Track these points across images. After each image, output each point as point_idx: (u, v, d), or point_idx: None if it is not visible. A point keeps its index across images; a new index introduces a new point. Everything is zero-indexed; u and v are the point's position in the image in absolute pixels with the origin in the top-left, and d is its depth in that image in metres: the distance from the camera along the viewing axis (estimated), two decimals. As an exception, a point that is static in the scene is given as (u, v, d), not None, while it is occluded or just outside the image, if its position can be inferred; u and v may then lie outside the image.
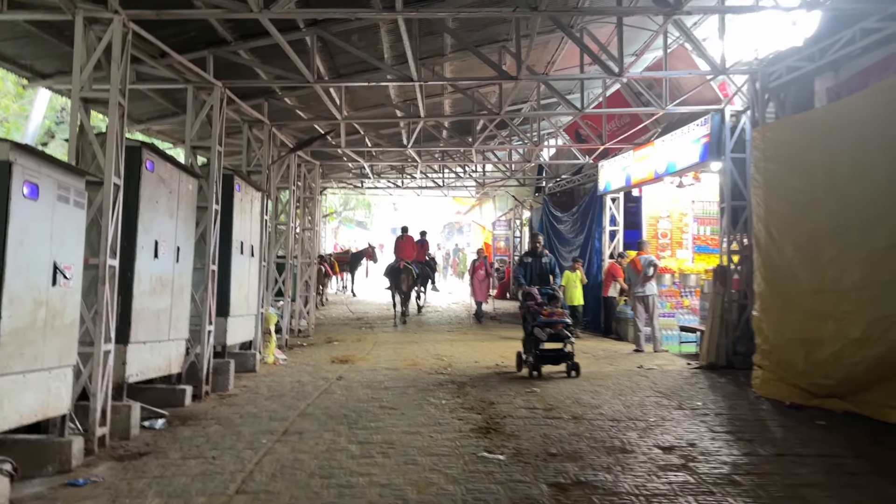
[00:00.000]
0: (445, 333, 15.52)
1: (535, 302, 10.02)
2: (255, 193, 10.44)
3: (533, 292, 10.15)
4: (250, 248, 10.16)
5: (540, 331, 9.56)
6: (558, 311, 9.87)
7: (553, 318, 9.68)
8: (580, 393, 8.60)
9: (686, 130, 11.48)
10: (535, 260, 10.71)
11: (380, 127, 14.78)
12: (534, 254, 10.81)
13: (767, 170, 8.58)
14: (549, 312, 9.75)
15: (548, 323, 9.62)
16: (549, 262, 10.74)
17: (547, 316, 9.70)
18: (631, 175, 13.95)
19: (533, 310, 9.90)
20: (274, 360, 11.31)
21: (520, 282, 10.61)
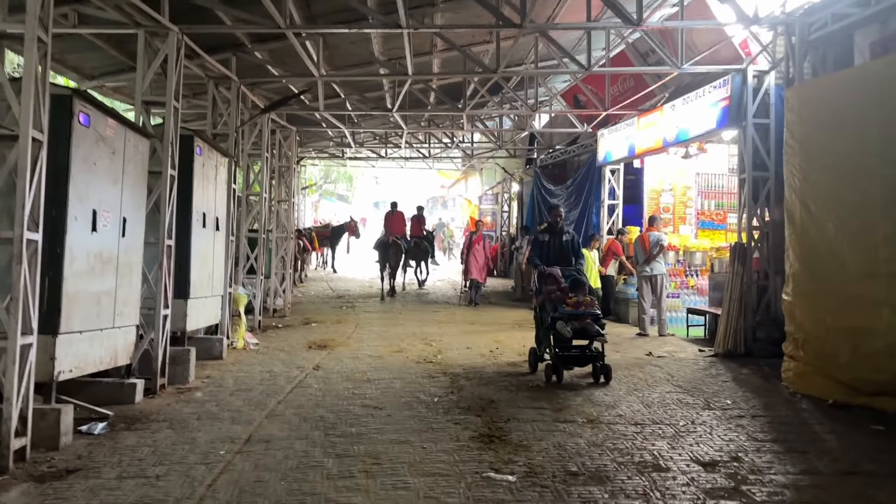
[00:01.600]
0: (432, 314, 14.45)
1: (556, 287, 8.14)
2: (220, 159, 9.24)
3: (555, 274, 8.28)
4: (215, 220, 8.99)
5: (563, 325, 7.68)
6: (586, 301, 7.93)
7: (580, 308, 7.83)
8: (591, 388, 7.59)
9: (701, 93, 10.39)
10: (553, 237, 8.94)
11: (363, 89, 13.56)
12: (552, 230, 9.09)
13: (805, 134, 7.53)
14: (576, 302, 7.87)
15: (573, 315, 7.76)
16: (572, 241, 8.97)
17: (573, 306, 7.84)
18: (635, 144, 12.87)
19: (554, 297, 8.02)
20: (244, 346, 10.19)
21: (535, 263, 8.79)
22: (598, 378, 7.77)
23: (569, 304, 7.89)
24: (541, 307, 8.38)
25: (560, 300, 7.99)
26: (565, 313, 7.81)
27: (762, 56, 9.53)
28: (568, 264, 8.71)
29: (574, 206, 16.99)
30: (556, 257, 8.76)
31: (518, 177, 22.23)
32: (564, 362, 7.83)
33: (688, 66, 9.80)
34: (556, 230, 9.04)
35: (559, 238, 8.92)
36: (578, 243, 9.12)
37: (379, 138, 20.53)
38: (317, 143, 20.79)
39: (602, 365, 7.82)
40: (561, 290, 8.09)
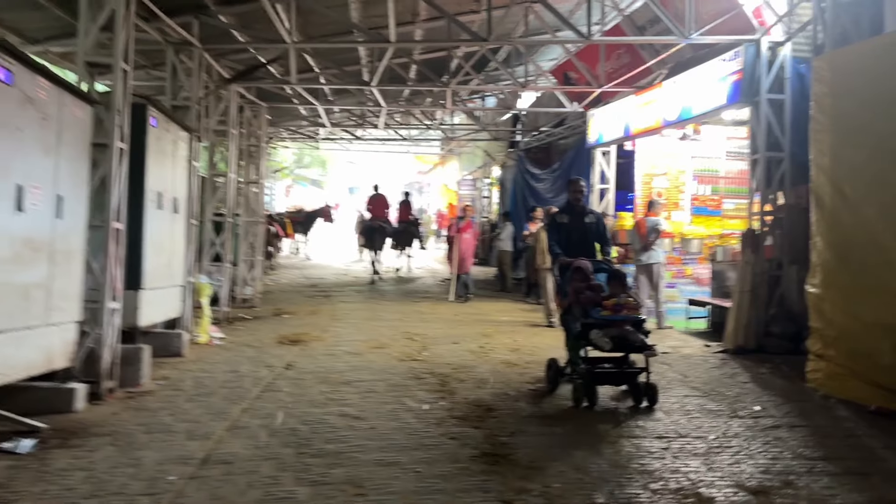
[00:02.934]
0: (413, 305, 13.56)
1: (586, 285, 6.36)
2: (180, 133, 8.24)
3: (584, 267, 6.47)
4: (173, 201, 7.99)
5: (600, 334, 5.97)
6: (628, 302, 6.21)
7: (621, 312, 6.12)
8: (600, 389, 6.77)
9: (708, 67, 9.57)
10: (573, 219, 7.16)
11: (339, 62, 12.55)
12: (572, 210, 7.26)
13: (837, 108, 6.74)
14: (615, 304, 6.13)
15: (610, 321, 6.07)
16: (597, 223, 7.26)
17: (611, 310, 6.12)
18: (631, 124, 12.05)
19: (584, 299, 6.27)
20: (208, 340, 9.23)
21: (555, 252, 7.05)
22: (639, 400, 6.09)
23: (606, 306, 6.15)
24: (566, 310, 6.70)
25: (593, 302, 6.23)
26: (599, 318, 6.12)
27: (777, 27, 8.73)
28: (592, 253, 7.03)
29: (561, 191, 16.16)
30: (578, 244, 7.00)
31: (501, 160, 21.35)
32: (597, 380, 6.20)
33: (696, 36, 8.98)
34: (576, 210, 7.25)
35: (581, 220, 7.17)
36: (605, 226, 7.46)
37: (355, 119, 19.50)
38: (289, 123, 19.69)
39: (646, 384, 6.08)
40: (592, 289, 6.33)
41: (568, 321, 6.62)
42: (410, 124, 20.37)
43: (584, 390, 6.06)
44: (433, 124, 19.22)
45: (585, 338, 6.12)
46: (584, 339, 6.15)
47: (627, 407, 6.03)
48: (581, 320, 6.21)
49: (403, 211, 19.60)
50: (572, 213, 7.27)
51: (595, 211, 7.73)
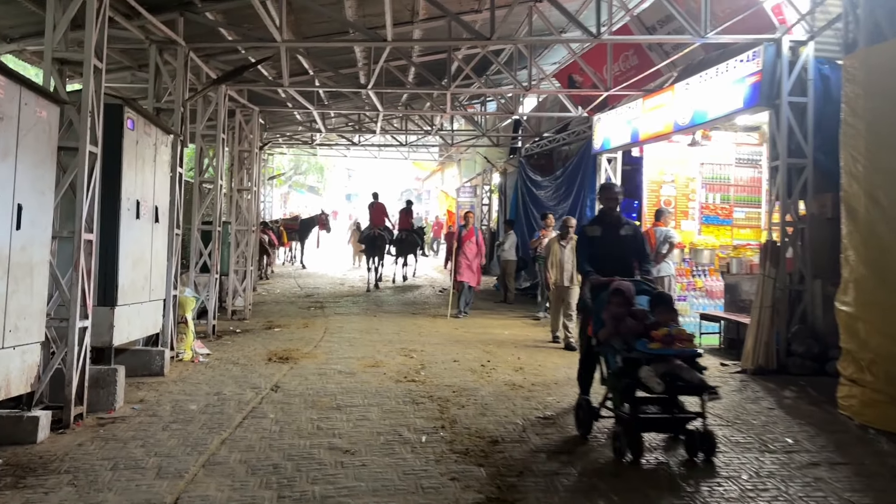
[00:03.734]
0: (410, 317, 12.99)
1: (627, 310, 5.32)
2: (162, 137, 7.69)
3: (624, 289, 5.39)
4: (153, 209, 7.44)
5: (650, 373, 4.82)
6: (681, 333, 5.03)
7: (673, 345, 4.92)
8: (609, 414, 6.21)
9: (723, 69, 9.05)
10: (607, 231, 6.12)
11: (335, 64, 12.01)
12: (605, 220, 6.23)
13: (872, 110, 6.21)
14: (666, 335, 4.94)
15: (659, 356, 4.91)
16: (635, 236, 6.24)
17: (661, 341, 4.93)
18: (639, 129, 11.52)
19: (628, 328, 5.17)
20: (192, 357, 8.67)
21: (585, 270, 5.98)
22: (693, 451, 4.99)
23: (655, 338, 4.96)
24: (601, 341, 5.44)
25: (637, 332, 5.11)
26: (650, 353, 4.94)
27: (798, 26, 8.21)
28: (629, 270, 5.97)
29: (564, 199, 15.66)
30: (613, 261, 5.93)
31: (501, 167, 20.81)
32: (644, 427, 5.06)
33: (712, 36, 8.45)
34: (610, 221, 6.19)
35: (615, 232, 6.10)
36: (643, 239, 6.46)
37: (352, 124, 18.97)
38: (284, 128, 19.16)
39: (702, 433, 4.95)
40: (635, 315, 5.26)
41: (604, 354, 5.43)
42: (408, 129, 19.83)
43: (627, 439, 4.94)
44: (432, 130, 18.65)
45: (630, 376, 4.96)
46: (627, 377, 4.99)
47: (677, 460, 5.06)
48: (623, 354, 5.04)
49: (404, 219, 19.42)
50: (606, 225, 6.19)
51: (631, 221, 6.63)
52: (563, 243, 10.27)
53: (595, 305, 5.65)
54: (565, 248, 10.17)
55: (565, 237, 10.34)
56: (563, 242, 10.29)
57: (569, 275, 10.07)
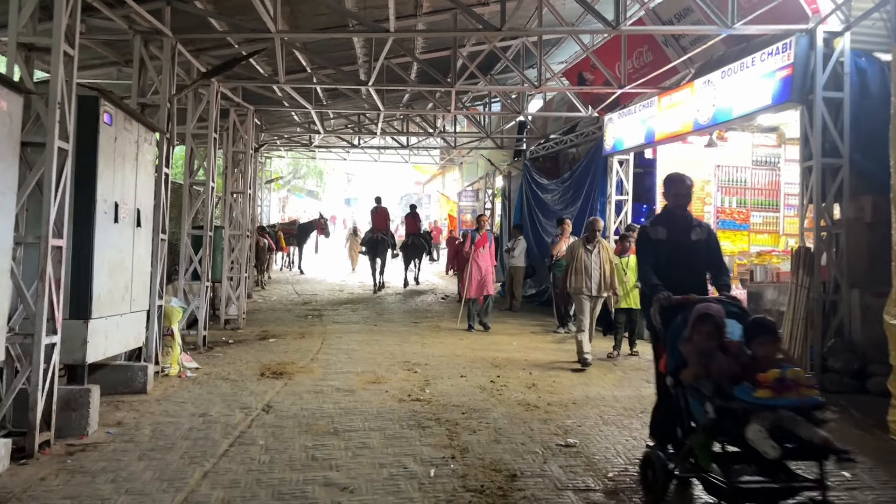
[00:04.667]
0: (412, 326, 12.36)
1: (718, 343, 4.15)
2: (145, 134, 7.08)
3: (713, 313, 4.19)
4: (135, 213, 6.82)
5: (761, 433, 3.54)
6: (799, 377, 3.76)
7: (787, 393, 3.68)
8: (633, 440, 5.60)
9: (749, 63, 8.45)
10: (675, 234, 4.92)
11: (334, 61, 11.40)
12: (672, 221, 5.01)
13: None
14: (777, 379, 3.69)
15: (773, 406, 3.66)
16: (708, 240, 5.01)
17: (771, 388, 3.68)
18: (655, 129, 10.91)
19: (722, 367, 3.99)
20: (179, 372, 8.06)
21: (652, 283, 4.72)
22: None
23: (763, 382, 3.68)
24: (679, 381, 4.20)
25: (735, 373, 3.90)
26: (756, 403, 3.65)
27: (833, 16, 7.61)
28: (701, 285, 4.85)
29: (572, 203, 15.03)
30: (682, 271, 4.76)
31: (505, 170, 20.20)
32: (742, 499, 3.89)
33: (740, 26, 7.85)
34: (679, 221, 4.99)
35: (685, 236, 4.91)
36: (719, 245, 5.17)
37: (352, 125, 18.38)
38: (281, 129, 18.55)
39: None
40: (728, 350, 4.06)
41: (686, 399, 4.16)
42: (409, 131, 19.23)
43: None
44: (434, 132, 18.04)
45: (727, 432, 3.75)
46: (723, 433, 3.79)
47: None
48: (717, 402, 3.75)
49: (410, 223, 19.24)
50: (673, 227, 4.96)
51: (703, 223, 5.31)
52: (588, 247, 9.21)
53: (670, 333, 4.41)
54: (591, 252, 9.16)
55: (592, 240, 9.27)
56: (588, 246, 9.22)
57: (596, 283, 9.06)
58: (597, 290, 9.08)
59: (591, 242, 9.25)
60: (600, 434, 5.81)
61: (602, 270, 9.06)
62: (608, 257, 9.22)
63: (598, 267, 9.07)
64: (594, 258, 9.13)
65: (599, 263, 9.08)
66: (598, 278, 9.06)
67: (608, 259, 9.19)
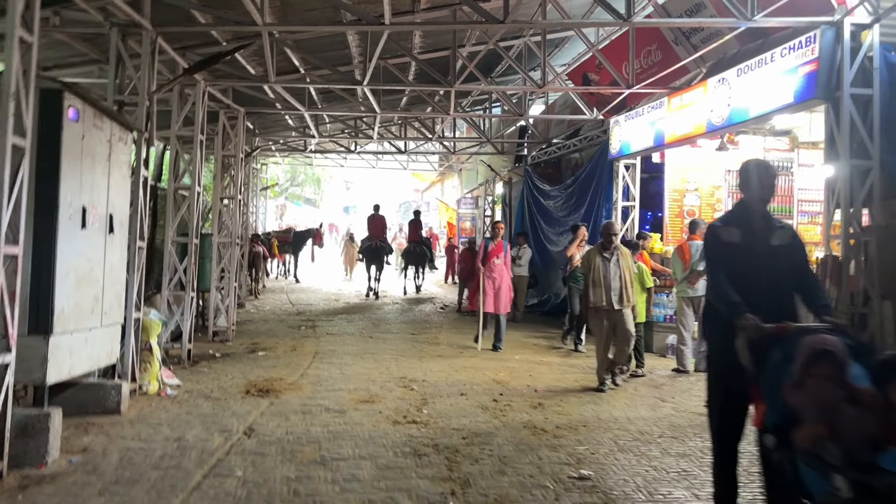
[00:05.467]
0: (409, 339, 11.78)
1: (845, 391, 3.11)
2: (119, 132, 6.52)
3: (833, 350, 3.17)
4: (107, 218, 6.26)
5: None
6: None
7: None
8: (653, 471, 5.04)
9: (768, 59, 7.92)
10: (751, 237, 3.92)
11: (328, 59, 10.84)
12: (748, 221, 3.99)
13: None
14: None
15: None
16: (791, 246, 3.94)
17: None
18: (664, 131, 10.38)
19: (852, 426, 2.95)
20: (159, 389, 7.49)
21: (730, 300, 3.71)
22: None
23: None
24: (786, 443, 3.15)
25: (877, 434, 2.93)
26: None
27: (860, 7, 7.09)
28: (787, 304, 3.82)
29: (575, 209, 14.52)
30: (761, 285, 3.76)
31: (507, 176, 19.67)
32: None
33: (760, 18, 7.31)
34: (756, 221, 3.97)
35: (764, 239, 3.91)
36: (805, 252, 4.12)
37: (348, 130, 17.85)
38: (275, 134, 18.01)
39: None
40: (858, 401, 3.04)
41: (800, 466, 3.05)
42: (407, 136, 18.71)
43: None
44: (432, 137, 17.50)
45: None
46: None
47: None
48: (852, 474, 2.80)
49: (413, 230, 19.21)
50: (749, 227, 3.94)
51: (786, 224, 4.29)
52: (605, 255, 8.18)
53: (766, 374, 3.40)
54: (609, 260, 8.12)
55: (608, 248, 8.22)
56: (605, 254, 8.19)
57: (617, 294, 7.99)
58: (618, 303, 8.00)
59: (608, 249, 8.22)
60: (616, 464, 5.24)
61: (623, 281, 8.07)
62: (628, 265, 8.22)
63: (618, 277, 8.04)
64: (612, 267, 8.08)
65: (619, 273, 8.07)
66: (620, 289, 8.02)
67: (628, 267, 8.19)
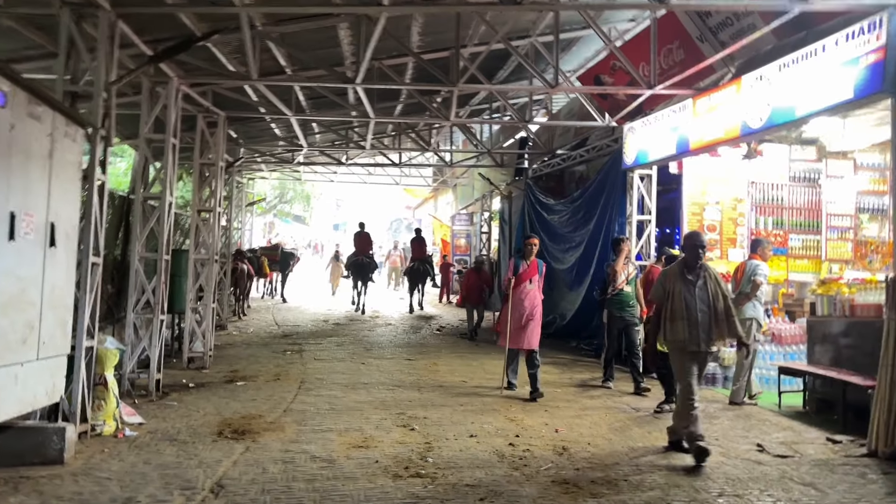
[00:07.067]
0: (406, 365, 10.68)
1: None
2: (65, 127, 5.47)
3: None
4: (45, 228, 5.18)
5: None
6: None
7: None
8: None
9: (819, 49, 6.94)
10: None
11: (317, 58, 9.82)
12: None
13: None
14: None
15: None
16: None
17: None
18: (689, 136, 9.39)
19: None
20: (117, 430, 6.39)
21: None
22: None
23: None
24: None
25: None
26: None
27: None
28: None
29: (582, 224, 13.52)
30: None
31: (506, 190, 18.67)
32: None
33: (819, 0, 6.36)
34: None
35: None
36: None
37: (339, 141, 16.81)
38: (261, 144, 16.94)
39: None
40: None
41: None
42: (402, 147, 17.69)
43: None
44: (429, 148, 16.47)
45: None
46: None
47: None
48: None
49: (416, 248, 19.17)
50: None
51: None
52: (689, 277, 6.01)
53: None
54: (694, 284, 5.97)
55: (693, 267, 6.03)
56: (689, 276, 6.01)
57: (705, 330, 5.90)
58: (706, 342, 5.92)
59: (693, 270, 6.04)
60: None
61: (714, 310, 5.97)
62: (721, 291, 6.04)
63: (706, 307, 5.94)
64: (699, 293, 5.97)
65: (708, 300, 5.96)
66: (709, 324, 5.92)
67: (721, 294, 6.03)
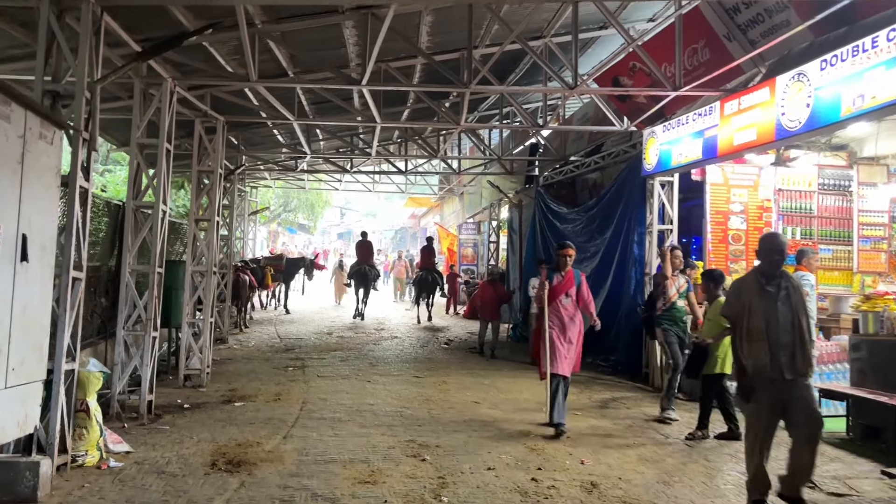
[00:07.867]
0: (414, 383, 10.07)
1: None
2: (39, 128, 4.92)
3: None
4: (15, 240, 4.62)
5: None
6: None
7: None
8: None
9: (869, 44, 6.34)
10: None
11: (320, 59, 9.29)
12: None
13: None
14: None
15: None
16: None
17: None
18: (718, 139, 8.80)
19: None
20: (100, 461, 5.82)
21: None
22: None
23: None
24: None
25: None
26: None
27: None
28: None
29: (598, 234, 12.91)
30: None
31: (516, 198, 18.09)
32: None
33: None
34: None
35: None
36: None
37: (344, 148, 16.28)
38: (264, 151, 16.41)
39: None
40: None
41: None
42: (408, 154, 17.15)
43: None
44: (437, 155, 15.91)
45: None
46: None
47: None
48: None
49: (426, 258, 18.94)
50: None
51: None
52: (769, 288, 4.91)
53: None
54: (776, 297, 4.87)
55: (773, 276, 4.95)
56: (769, 287, 4.92)
57: (788, 354, 4.82)
58: (790, 370, 4.80)
59: (773, 280, 4.95)
60: None
61: (798, 329, 4.85)
62: (804, 307, 4.95)
63: (790, 325, 4.83)
64: (782, 308, 4.85)
65: (791, 317, 4.85)
66: (792, 345, 4.82)
67: (805, 309, 4.95)
